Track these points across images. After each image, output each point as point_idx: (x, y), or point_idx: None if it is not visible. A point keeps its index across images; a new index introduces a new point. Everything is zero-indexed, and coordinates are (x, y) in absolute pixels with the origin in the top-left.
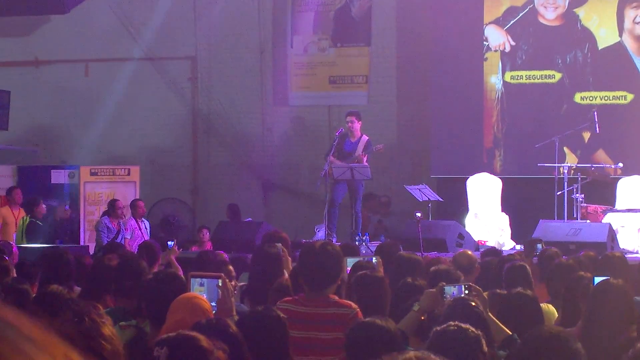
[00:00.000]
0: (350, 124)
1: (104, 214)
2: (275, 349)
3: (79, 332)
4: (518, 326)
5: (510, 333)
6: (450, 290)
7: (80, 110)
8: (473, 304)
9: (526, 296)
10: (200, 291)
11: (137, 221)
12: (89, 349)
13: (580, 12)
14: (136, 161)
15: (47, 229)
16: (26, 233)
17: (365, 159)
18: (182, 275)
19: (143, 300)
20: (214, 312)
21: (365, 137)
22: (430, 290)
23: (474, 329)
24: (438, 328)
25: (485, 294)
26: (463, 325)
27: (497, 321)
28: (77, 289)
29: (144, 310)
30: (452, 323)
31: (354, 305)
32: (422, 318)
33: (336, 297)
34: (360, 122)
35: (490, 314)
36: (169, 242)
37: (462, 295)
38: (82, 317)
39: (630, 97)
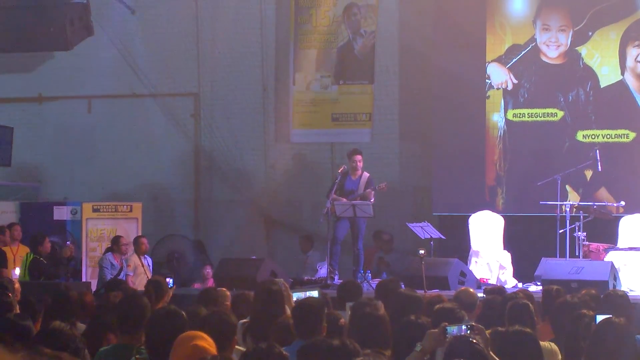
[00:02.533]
0: (358, 163)
1: (107, 250)
2: None
3: None
4: None
5: None
6: (452, 330)
7: (82, 147)
8: (474, 341)
9: (525, 333)
10: None
11: (139, 258)
12: None
13: (583, 50)
14: (138, 198)
15: (50, 267)
16: (29, 270)
17: (372, 195)
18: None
19: (146, 335)
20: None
21: (366, 174)
22: (433, 330)
23: None
24: None
25: (487, 332)
26: None
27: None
28: (81, 325)
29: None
30: None
31: None
32: (425, 358)
33: None
34: (362, 158)
35: (491, 353)
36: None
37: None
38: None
39: (632, 135)
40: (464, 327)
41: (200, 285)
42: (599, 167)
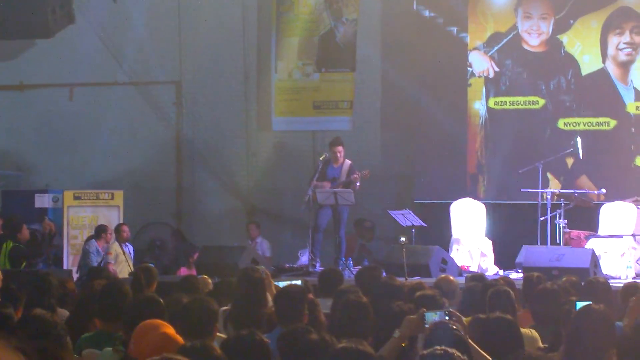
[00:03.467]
0: (338, 154)
1: (91, 238)
2: None
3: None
4: (498, 351)
5: (490, 359)
6: (431, 317)
7: (64, 135)
8: (454, 327)
9: (506, 320)
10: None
11: (120, 246)
12: None
13: (564, 38)
14: (120, 185)
15: (30, 252)
16: (9, 257)
17: (357, 181)
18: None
19: (124, 322)
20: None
21: (348, 162)
22: (411, 316)
23: (460, 354)
24: (425, 352)
25: (467, 319)
26: (449, 349)
27: (477, 347)
28: (62, 311)
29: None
30: (438, 347)
31: None
32: (403, 345)
33: None
34: (343, 148)
35: (470, 340)
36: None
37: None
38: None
39: (613, 123)
40: (443, 313)
41: (188, 270)
42: (580, 155)
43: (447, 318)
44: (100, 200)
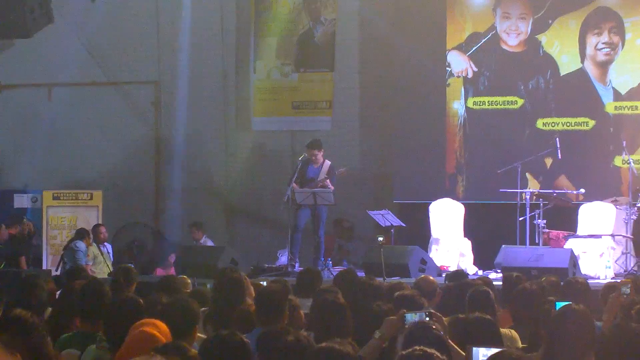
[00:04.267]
0: (314, 157)
1: (77, 238)
2: None
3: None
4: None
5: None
6: (412, 317)
7: (43, 135)
8: (434, 327)
9: (485, 320)
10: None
11: (98, 247)
12: None
13: (543, 38)
14: (99, 186)
15: (9, 251)
16: None
17: (329, 183)
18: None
19: (104, 323)
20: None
21: (328, 162)
22: (392, 317)
23: (439, 354)
24: (403, 352)
25: (447, 319)
26: (428, 350)
27: (457, 347)
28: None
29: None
30: (417, 348)
31: None
32: (384, 345)
33: None
34: (322, 150)
35: (449, 340)
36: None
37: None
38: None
39: (592, 123)
40: (423, 314)
41: (164, 271)
42: (559, 155)
43: (427, 319)
44: (79, 200)
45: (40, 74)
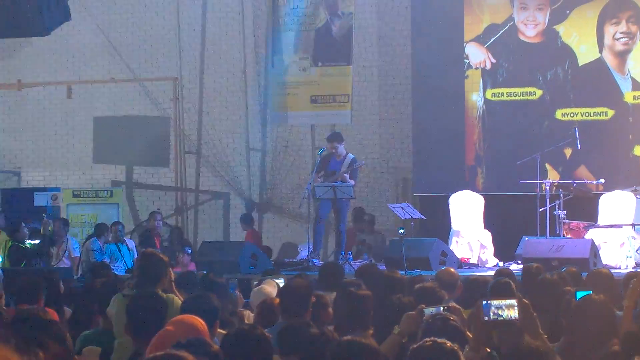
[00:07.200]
0: (334, 150)
1: (93, 236)
2: None
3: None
4: (497, 341)
5: (489, 350)
6: (430, 312)
7: (63, 132)
8: (452, 319)
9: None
10: None
11: (117, 244)
12: None
13: (560, 29)
14: (119, 183)
15: (30, 251)
16: (9, 256)
17: (347, 177)
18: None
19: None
20: None
21: (350, 155)
22: (410, 312)
23: (450, 343)
24: (415, 345)
25: (468, 312)
26: (439, 340)
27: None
28: (67, 310)
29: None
30: (427, 339)
31: None
32: (404, 341)
33: None
34: (342, 143)
35: (469, 333)
36: None
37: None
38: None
39: (611, 113)
40: (441, 308)
41: (181, 270)
42: (578, 145)
43: (445, 313)
44: (99, 198)
45: (59, 71)
